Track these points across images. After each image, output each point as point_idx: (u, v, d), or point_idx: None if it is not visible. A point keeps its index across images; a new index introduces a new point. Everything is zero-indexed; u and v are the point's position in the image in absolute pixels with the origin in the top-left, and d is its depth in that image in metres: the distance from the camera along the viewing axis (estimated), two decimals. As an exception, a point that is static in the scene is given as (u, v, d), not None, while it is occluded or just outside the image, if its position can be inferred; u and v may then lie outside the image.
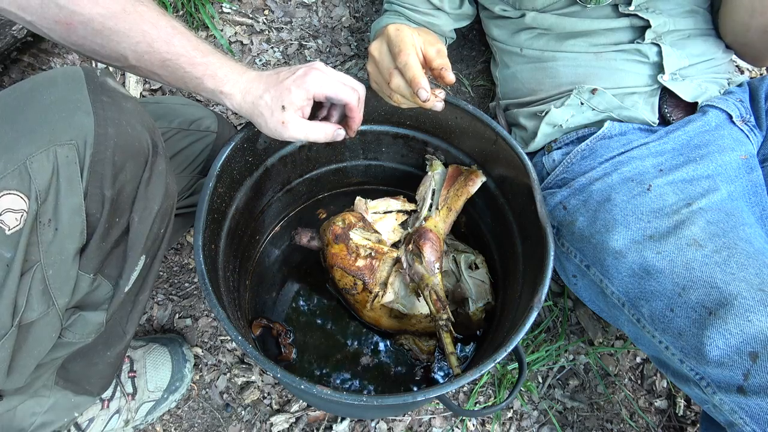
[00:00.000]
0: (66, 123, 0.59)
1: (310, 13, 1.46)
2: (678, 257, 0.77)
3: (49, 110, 0.59)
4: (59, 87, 0.61)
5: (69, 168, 0.59)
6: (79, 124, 0.60)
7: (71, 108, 0.60)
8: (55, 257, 0.61)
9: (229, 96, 0.75)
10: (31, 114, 0.59)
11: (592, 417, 1.16)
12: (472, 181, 1.00)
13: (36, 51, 1.29)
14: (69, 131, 0.59)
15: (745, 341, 0.69)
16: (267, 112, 0.74)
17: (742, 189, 0.88)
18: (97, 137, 0.60)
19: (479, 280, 1.02)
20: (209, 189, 0.81)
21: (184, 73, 0.72)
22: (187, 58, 0.71)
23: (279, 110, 0.74)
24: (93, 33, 0.65)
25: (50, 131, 0.58)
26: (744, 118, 0.95)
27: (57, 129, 0.59)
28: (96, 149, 0.61)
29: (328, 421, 1.09)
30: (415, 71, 0.73)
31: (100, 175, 0.62)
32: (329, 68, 0.78)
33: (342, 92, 0.76)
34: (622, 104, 0.97)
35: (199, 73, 0.72)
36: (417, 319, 0.98)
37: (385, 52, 0.78)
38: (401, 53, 0.74)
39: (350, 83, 0.78)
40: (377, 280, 0.96)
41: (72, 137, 0.59)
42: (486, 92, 1.44)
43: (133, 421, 1.00)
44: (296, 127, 0.75)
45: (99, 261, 0.67)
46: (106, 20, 0.65)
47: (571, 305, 1.24)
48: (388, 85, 0.78)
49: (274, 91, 0.74)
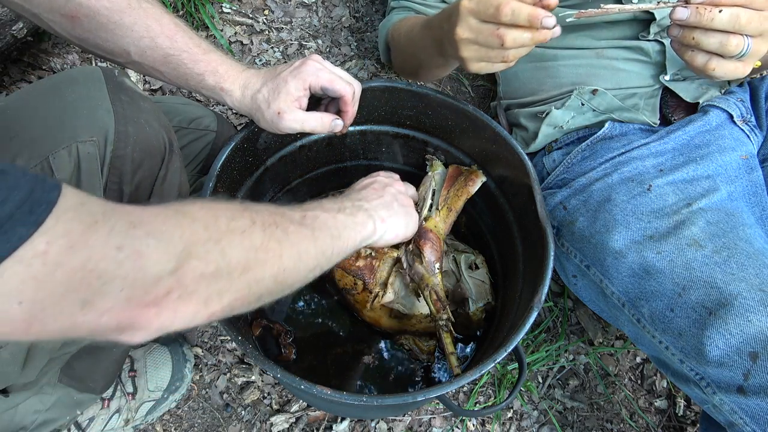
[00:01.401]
0: (88, 120, 0.61)
1: (310, 13, 1.46)
2: (678, 257, 0.77)
3: (71, 108, 0.61)
4: (80, 85, 0.63)
5: (90, 164, 0.61)
6: (100, 121, 0.61)
7: (92, 106, 0.62)
8: None
9: (229, 92, 0.75)
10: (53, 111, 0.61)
11: (592, 417, 1.16)
12: (472, 181, 1.00)
13: (36, 51, 1.29)
14: (90, 128, 0.61)
15: (745, 341, 0.69)
16: (264, 105, 0.75)
17: (742, 189, 0.88)
18: (118, 134, 0.62)
19: (479, 280, 1.02)
20: (209, 189, 0.81)
21: (186, 70, 0.72)
22: (189, 55, 0.71)
23: (275, 101, 0.74)
24: (97, 26, 0.66)
25: (72, 128, 0.60)
26: (745, 117, 0.95)
27: (79, 126, 0.60)
28: (116, 146, 0.63)
29: (328, 421, 1.09)
30: (527, 8, 0.67)
31: (119, 171, 0.63)
32: (326, 61, 0.79)
33: (337, 83, 0.77)
34: (623, 105, 0.97)
35: (201, 70, 0.72)
36: (417, 319, 0.98)
37: (477, 22, 0.72)
38: (502, 6, 0.68)
39: (346, 77, 0.79)
40: (377, 280, 0.96)
41: (93, 134, 0.61)
42: (486, 92, 1.44)
43: (133, 421, 1.00)
44: (293, 118, 0.75)
45: None
46: (111, 14, 0.65)
47: (571, 305, 1.24)
48: (502, 48, 0.71)
49: (271, 83, 0.75)
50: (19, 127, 0.61)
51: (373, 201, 0.76)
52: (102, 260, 0.38)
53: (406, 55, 1.07)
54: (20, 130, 0.60)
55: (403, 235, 0.79)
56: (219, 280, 0.47)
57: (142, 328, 0.43)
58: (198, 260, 0.45)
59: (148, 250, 0.41)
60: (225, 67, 0.74)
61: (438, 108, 0.96)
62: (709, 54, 0.71)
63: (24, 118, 0.61)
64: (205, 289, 0.46)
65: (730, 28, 0.67)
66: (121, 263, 0.39)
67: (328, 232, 0.62)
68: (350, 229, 0.66)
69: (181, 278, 0.43)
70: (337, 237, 0.63)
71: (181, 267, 0.43)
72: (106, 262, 0.39)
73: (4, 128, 0.61)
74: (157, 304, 0.42)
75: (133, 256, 0.40)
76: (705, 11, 0.67)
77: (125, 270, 0.40)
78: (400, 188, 0.84)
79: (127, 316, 0.41)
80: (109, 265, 0.39)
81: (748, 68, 0.72)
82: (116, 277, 0.39)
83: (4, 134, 0.60)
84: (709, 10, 0.67)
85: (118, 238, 0.39)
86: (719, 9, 0.67)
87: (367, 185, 0.81)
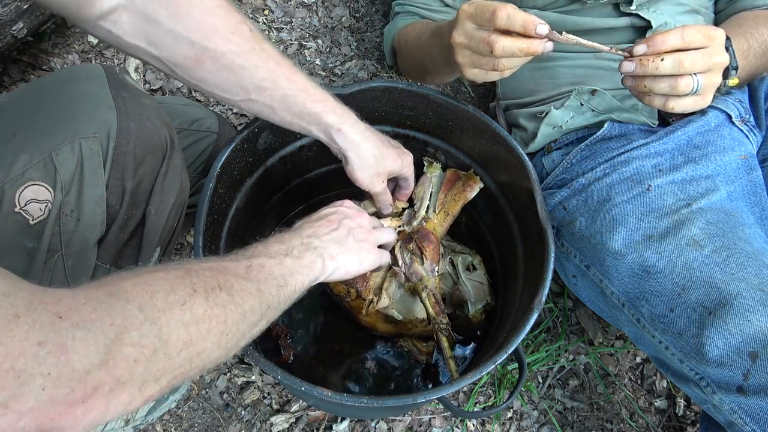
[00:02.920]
0: (90, 117, 0.61)
1: (310, 13, 1.46)
2: (678, 257, 0.77)
3: (74, 104, 0.61)
4: (82, 82, 0.63)
5: (93, 160, 0.61)
6: (102, 118, 0.62)
7: (95, 103, 0.62)
8: (75, 247, 0.63)
9: (346, 134, 0.80)
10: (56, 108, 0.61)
11: (592, 417, 1.16)
12: (470, 186, 1.00)
13: (36, 51, 1.29)
14: (93, 125, 0.61)
15: (744, 341, 0.69)
16: (370, 161, 0.84)
17: (741, 189, 0.88)
18: (120, 131, 0.63)
19: (477, 281, 1.01)
20: (209, 190, 0.81)
21: (302, 109, 0.75)
22: (306, 95, 0.75)
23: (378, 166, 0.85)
24: (221, 68, 0.67)
25: (75, 124, 0.61)
26: (743, 118, 0.95)
27: (82, 122, 0.61)
28: (118, 142, 0.63)
29: (328, 421, 1.09)
30: (523, 14, 0.69)
31: (121, 167, 0.64)
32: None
33: (412, 181, 0.96)
34: (622, 105, 0.97)
35: (319, 110, 0.76)
36: (413, 324, 0.98)
37: (473, 27, 0.74)
38: (498, 10, 0.69)
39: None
40: (370, 287, 0.96)
41: (96, 130, 0.62)
42: (486, 92, 1.44)
43: (133, 421, 1.00)
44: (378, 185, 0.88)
45: (115, 252, 0.69)
46: (236, 57, 0.67)
47: (571, 305, 1.24)
48: (491, 56, 0.73)
49: (377, 150, 0.84)
50: (21, 123, 0.61)
51: (324, 237, 0.73)
52: (20, 357, 0.35)
53: (413, 60, 1.07)
54: (23, 127, 0.61)
55: (356, 272, 0.76)
56: (156, 362, 0.44)
57: (68, 429, 0.39)
58: (132, 347, 0.42)
59: (74, 343, 0.38)
60: (341, 109, 0.79)
61: (438, 108, 0.96)
62: (664, 96, 0.73)
63: (26, 114, 0.61)
64: (141, 375, 0.43)
65: (676, 72, 0.70)
66: (43, 360, 0.36)
67: (275, 282, 0.60)
68: (297, 274, 0.65)
69: (112, 369, 0.40)
70: (283, 285, 0.62)
71: (113, 357, 0.40)
72: (25, 359, 0.36)
73: (6, 125, 0.61)
74: (84, 401, 0.39)
75: (57, 351, 0.37)
76: (648, 62, 0.70)
77: (47, 367, 0.36)
78: (362, 221, 0.81)
79: (49, 417, 0.37)
80: (29, 362, 0.36)
81: (707, 99, 0.74)
82: (37, 375, 0.36)
83: (7, 131, 0.60)
84: (652, 60, 0.70)
85: (40, 333, 0.37)
86: (661, 57, 0.69)
87: (323, 216, 0.78)
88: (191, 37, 0.63)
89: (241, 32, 0.68)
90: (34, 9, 1.10)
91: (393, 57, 1.19)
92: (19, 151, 0.59)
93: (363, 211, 0.85)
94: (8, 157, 0.59)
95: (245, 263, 0.59)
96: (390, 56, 1.20)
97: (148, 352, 0.43)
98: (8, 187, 0.58)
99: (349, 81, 1.39)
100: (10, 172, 0.58)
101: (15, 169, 0.59)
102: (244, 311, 0.54)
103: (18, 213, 0.59)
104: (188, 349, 0.47)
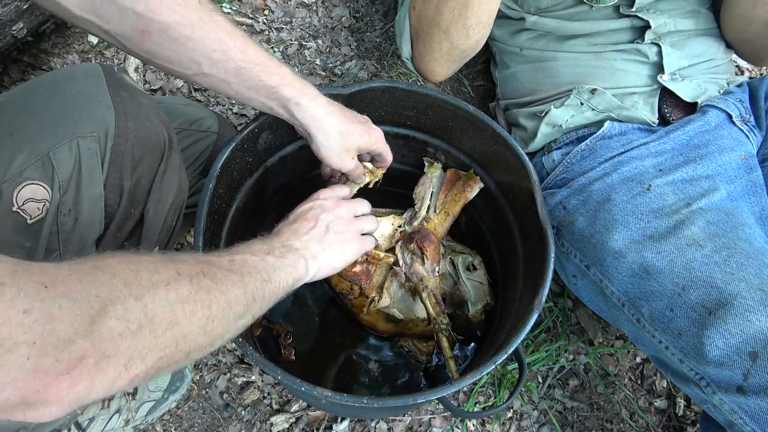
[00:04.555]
0: (88, 116, 0.61)
1: (310, 13, 1.46)
2: (678, 257, 0.77)
3: (72, 104, 0.61)
4: (80, 82, 0.63)
5: (91, 159, 0.61)
6: (100, 117, 0.62)
7: (93, 102, 0.62)
8: (73, 247, 0.63)
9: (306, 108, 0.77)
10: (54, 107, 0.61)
11: (592, 417, 1.16)
12: (470, 187, 1.00)
13: (36, 51, 1.29)
14: (91, 124, 0.61)
15: (744, 341, 0.69)
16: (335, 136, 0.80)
17: (741, 189, 0.88)
18: (118, 130, 0.63)
19: (477, 281, 1.01)
20: (209, 190, 0.81)
21: (258, 82, 0.73)
22: (261, 67, 0.72)
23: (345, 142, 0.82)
24: (169, 40, 0.66)
25: (73, 124, 0.61)
26: (744, 118, 0.95)
27: (80, 122, 0.61)
28: (116, 141, 0.63)
29: (328, 421, 1.09)
30: None
31: (119, 166, 0.64)
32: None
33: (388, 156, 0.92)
34: (622, 104, 0.97)
35: (275, 82, 0.73)
36: (413, 323, 0.98)
37: None
38: None
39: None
40: (373, 285, 0.96)
41: (94, 130, 0.62)
42: (486, 92, 1.44)
43: (133, 421, 1.00)
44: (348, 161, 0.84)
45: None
46: (183, 28, 0.66)
47: (571, 305, 1.24)
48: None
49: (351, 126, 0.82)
50: (19, 123, 0.61)
51: (303, 237, 0.72)
52: (5, 325, 0.35)
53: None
54: (21, 126, 0.61)
55: (342, 266, 0.76)
56: (141, 339, 0.43)
57: (53, 402, 0.38)
58: (117, 320, 0.41)
59: (60, 312, 0.37)
60: (300, 83, 0.76)
61: (438, 108, 0.96)
62: None
63: (24, 114, 0.61)
64: (126, 350, 0.42)
65: None
66: (29, 327, 0.36)
67: (259, 276, 0.60)
68: (281, 271, 0.64)
69: (98, 342, 0.39)
70: (267, 280, 0.61)
71: (98, 329, 0.40)
72: (10, 326, 0.35)
73: (4, 124, 0.61)
74: (69, 372, 0.38)
75: (43, 320, 0.36)
76: None
77: (33, 335, 0.36)
78: (340, 212, 0.80)
79: (34, 388, 0.36)
80: (14, 330, 0.35)
81: None
82: (22, 343, 0.35)
83: (4, 130, 0.60)
84: None
85: (26, 301, 0.36)
86: None
87: (299, 216, 0.77)
88: (136, 8, 0.62)
89: (187, 3, 0.65)
90: (33, 9, 1.10)
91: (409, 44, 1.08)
92: (17, 150, 0.59)
93: (340, 200, 0.83)
94: (6, 156, 0.59)
95: (228, 257, 0.59)
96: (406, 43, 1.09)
97: (134, 327, 0.42)
98: (6, 187, 0.58)
99: (349, 81, 1.39)
100: (8, 171, 0.58)
101: (12, 168, 0.58)
102: (228, 299, 0.54)
103: (16, 212, 0.59)
104: (173, 329, 0.46)
